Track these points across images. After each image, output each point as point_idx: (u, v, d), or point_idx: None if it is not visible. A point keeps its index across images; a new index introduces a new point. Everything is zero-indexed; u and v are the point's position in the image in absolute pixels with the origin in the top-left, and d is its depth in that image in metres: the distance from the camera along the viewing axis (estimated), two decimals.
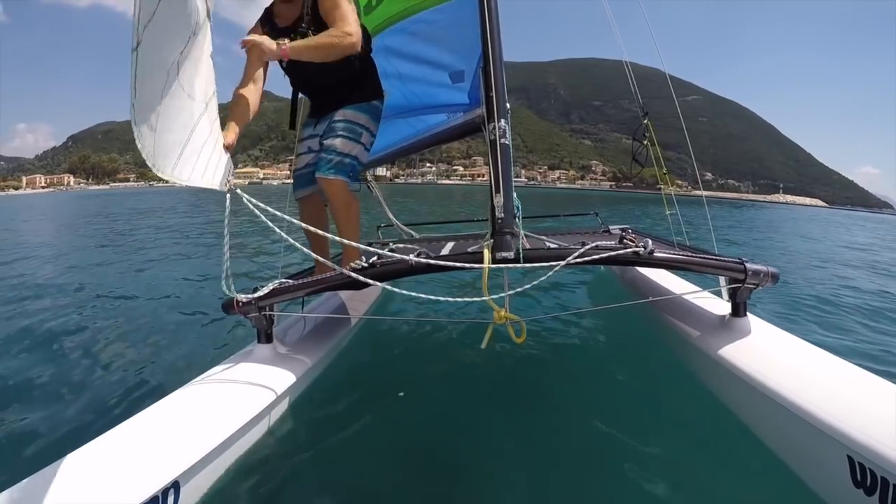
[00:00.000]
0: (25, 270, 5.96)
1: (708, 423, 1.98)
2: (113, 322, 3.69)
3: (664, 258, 1.91)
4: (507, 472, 1.79)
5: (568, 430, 2.03)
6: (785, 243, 11.56)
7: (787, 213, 40.13)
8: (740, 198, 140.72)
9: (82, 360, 2.92)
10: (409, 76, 3.10)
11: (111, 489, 1.18)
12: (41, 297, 4.52)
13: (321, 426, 2.02)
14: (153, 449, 1.36)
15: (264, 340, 2.05)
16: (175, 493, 1.31)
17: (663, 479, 1.67)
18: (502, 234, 1.92)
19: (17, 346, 3.16)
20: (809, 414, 1.39)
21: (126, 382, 2.56)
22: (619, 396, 2.33)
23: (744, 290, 1.94)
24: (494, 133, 2.02)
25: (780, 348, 1.83)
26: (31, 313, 3.91)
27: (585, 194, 59.39)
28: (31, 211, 22.92)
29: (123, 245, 8.42)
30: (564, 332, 3.20)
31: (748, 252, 8.88)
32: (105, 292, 4.66)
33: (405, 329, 3.25)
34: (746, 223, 19.63)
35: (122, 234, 10.56)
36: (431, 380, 2.54)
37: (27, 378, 2.65)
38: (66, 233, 11.76)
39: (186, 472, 1.34)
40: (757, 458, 1.67)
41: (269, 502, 1.62)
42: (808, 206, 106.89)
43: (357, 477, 1.76)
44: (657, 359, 2.50)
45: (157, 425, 1.49)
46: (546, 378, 2.57)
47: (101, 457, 1.30)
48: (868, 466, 1.21)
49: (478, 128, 2.63)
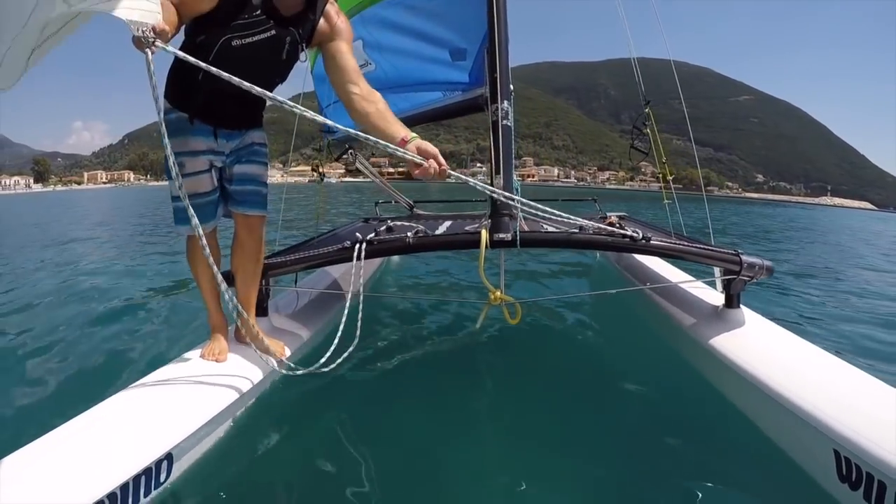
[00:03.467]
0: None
1: (700, 411, 2.00)
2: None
3: (660, 245, 1.91)
4: (495, 456, 1.80)
5: (560, 414, 2.04)
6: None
7: (816, 214, 40.07)
8: (788, 200, 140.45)
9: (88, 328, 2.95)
10: (405, 50, 3.01)
11: (105, 459, 1.17)
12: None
13: (313, 399, 2.03)
14: (147, 421, 1.35)
15: (259, 313, 2.05)
16: (168, 465, 1.32)
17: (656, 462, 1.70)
18: (500, 215, 1.91)
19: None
20: (797, 407, 1.41)
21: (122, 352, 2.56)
22: (611, 382, 2.34)
23: (738, 281, 1.94)
24: (497, 114, 1.99)
25: (772, 341, 1.85)
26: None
27: (633, 194, 58.97)
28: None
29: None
30: (559, 316, 3.22)
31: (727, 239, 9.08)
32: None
33: (400, 307, 3.25)
34: (777, 220, 20.70)
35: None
36: (424, 358, 2.55)
37: (28, 346, 2.66)
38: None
39: (180, 445, 1.34)
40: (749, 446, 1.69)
41: (262, 474, 1.64)
42: (854, 209, 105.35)
43: (347, 450, 1.78)
44: (651, 345, 2.52)
45: (151, 397, 1.48)
46: (540, 361, 2.59)
47: (96, 427, 1.29)
48: (854, 461, 1.23)
49: (477, 107, 2.59)
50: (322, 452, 1.78)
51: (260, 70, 1.63)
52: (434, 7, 2.79)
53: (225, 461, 1.58)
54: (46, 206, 22.44)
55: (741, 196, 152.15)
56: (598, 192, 71.89)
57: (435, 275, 4.53)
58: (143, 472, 1.21)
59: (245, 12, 1.55)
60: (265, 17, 1.57)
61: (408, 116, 3.37)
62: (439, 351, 2.64)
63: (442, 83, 3.05)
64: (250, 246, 1.87)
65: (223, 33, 1.55)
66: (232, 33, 1.55)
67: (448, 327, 2.94)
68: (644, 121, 2.92)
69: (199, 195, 1.71)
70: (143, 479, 1.22)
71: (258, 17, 1.56)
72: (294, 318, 2.30)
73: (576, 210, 2.47)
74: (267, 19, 1.58)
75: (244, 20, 1.55)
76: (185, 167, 1.65)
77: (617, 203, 26.58)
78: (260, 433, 1.76)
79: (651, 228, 2.69)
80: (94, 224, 11.66)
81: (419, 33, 2.92)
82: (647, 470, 1.67)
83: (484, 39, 2.27)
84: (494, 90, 2.05)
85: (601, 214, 3.92)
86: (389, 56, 3.01)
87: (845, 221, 25.76)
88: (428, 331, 2.93)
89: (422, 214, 3.75)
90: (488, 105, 2.09)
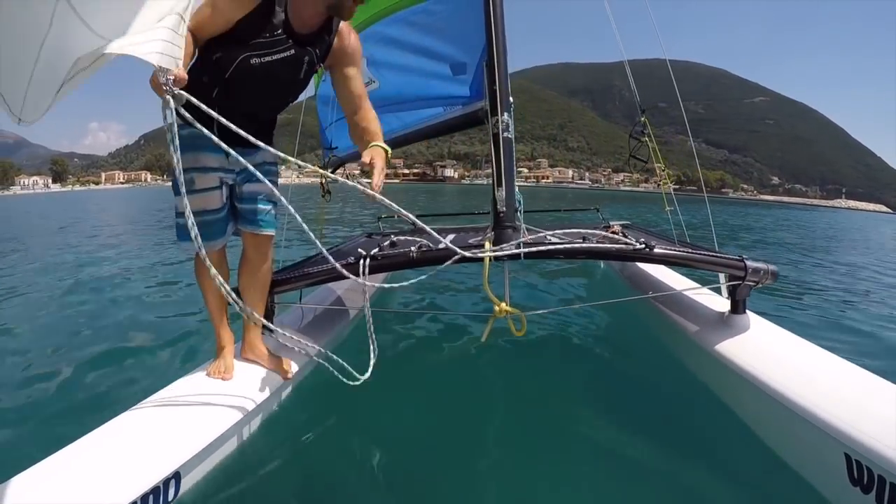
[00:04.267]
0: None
1: (706, 420, 1.99)
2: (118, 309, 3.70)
3: (664, 254, 1.91)
4: (502, 464, 1.79)
5: (567, 424, 2.03)
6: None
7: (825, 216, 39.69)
8: (803, 202, 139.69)
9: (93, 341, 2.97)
10: (406, 66, 3.05)
11: (113, 479, 1.17)
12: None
13: (320, 416, 2.02)
14: (154, 440, 1.35)
15: (264, 330, 2.05)
16: (176, 484, 1.31)
17: (661, 474, 1.68)
18: (503, 227, 1.92)
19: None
20: (807, 412, 1.39)
21: (126, 372, 2.56)
22: (619, 392, 2.33)
23: (743, 287, 1.94)
24: (498, 127, 2.01)
25: (779, 346, 1.84)
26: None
27: (647, 196, 59.08)
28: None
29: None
30: (565, 327, 3.20)
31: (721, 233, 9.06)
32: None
33: (405, 322, 3.25)
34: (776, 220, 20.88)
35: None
36: (431, 373, 2.54)
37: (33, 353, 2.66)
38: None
39: (187, 463, 1.34)
40: (755, 455, 1.68)
41: (269, 492, 1.63)
42: (869, 212, 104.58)
43: (354, 468, 1.77)
44: (657, 354, 2.50)
45: (158, 416, 1.48)
46: (546, 372, 2.57)
47: (103, 447, 1.29)
48: (865, 464, 1.22)
49: (478, 121, 2.61)
50: (329, 471, 1.77)
51: (277, 89, 1.70)
52: (435, 22, 2.83)
53: (232, 479, 1.57)
54: (68, 206, 22.86)
55: (756, 199, 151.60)
56: (614, 193, 71.62)
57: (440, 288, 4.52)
58: (150, 491, 1.21)
59: (266, 31, 1.56)
60: (285, 37, 1.59)
61: (410, 133, 3.40)
62: (446, 366, 2.63)
63: (443, 98, 3.08)
64: (258, 263, 1.87)
65: (242, 51, 1.56)
66: (251, 52, 1.56)
67: (454, 341, 2.93)
68: (642, 129, 2.93)
69: (208, 212, 1.72)
70: (151, 499, 1.22)
71: (278, 37, 1.58)
72: (300, 334, 2.30)
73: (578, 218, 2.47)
74: (286, 38, 1.59)
75: (265, 39, 1.56)
76: (194, 183, 1.66)
77: (632, 204, 26.63)
78: (266, 452, 1.75)
79: (654, 236, 2.69)
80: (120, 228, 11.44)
81: (421, 49, 2.95)
82: (654, 479, 1.65)
83: (483, 53, 2.30)
84: (494, 103, 2.06)
85: (604, 223, 3.93)
86: (392, 73, 3.05)
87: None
88: (434, 345, 2.92)
89: (425, 228, 3.75)
90: (489, 118, 2.11)
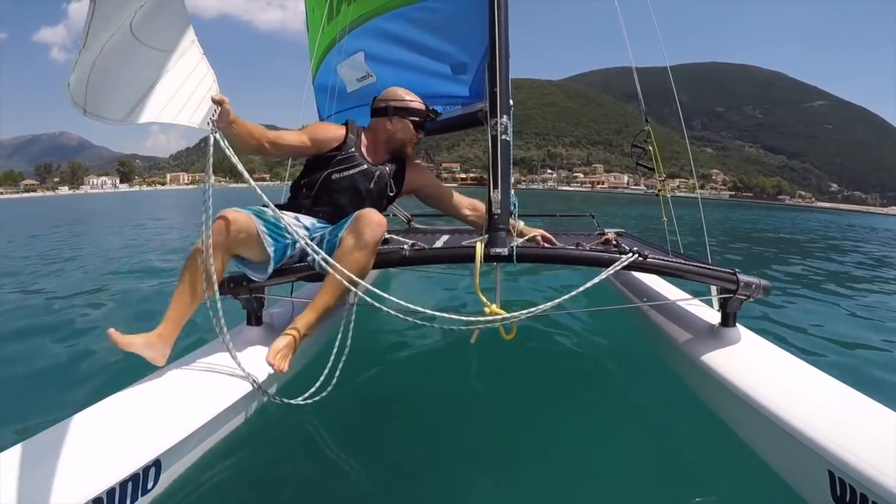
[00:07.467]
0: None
1: (693, 427, 2.00)
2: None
3: (657, 264, 1.91)
4: (491, 468, 1.79)
5: (555, 429, 2.03)
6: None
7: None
8: (860, 209, 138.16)
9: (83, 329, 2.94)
10: (406, 63, 3.03)
11: (92, 464, 1.15)
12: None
13: (305, 411, 2.01)
14: (136, 426, 1.33)
15: (254, 323, 2.03)
16: (156, 471, 1.29)
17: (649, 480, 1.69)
18: (497, 230, 1.91)
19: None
20: (791, 427, 1.40)
21: (112, 358, 2.54)
22: (607, 397, 2.34)
23: (734, 300, 1.94)
24: (496, 129, 2.00)
25: (767, 360, 1.84)
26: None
27: (703, 203, 58.52)
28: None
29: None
30: (555, 331, 3.21)
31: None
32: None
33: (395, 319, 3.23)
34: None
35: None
36: (419, 374, 2.54)
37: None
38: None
39: (169, 451, 1.32)
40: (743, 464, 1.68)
41: (252, 484, 1.62)
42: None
43: (339, 464, 1.76)
44: (647, 361, 2.50)
45: (141, 403, 1.46)
46: (534, 376, 2.57)
47: (83, 432, 1.27)
48: (848, 482, 1.22)
49: (477, 122, 2.60)
50: (314, 466, 1.77)
51: (357, 197, 2.12)
52: (437, 20, 2.81)
53: (216, 469, 1.56)
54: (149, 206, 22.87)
55: (811, 205, 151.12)
56: (664, 198, 71.15)
57: (431, 289, 4.52)
58: (130, 478, 1.19)
59: (343, 151, 2.13)
60: (358, 155, 2.15)
61: None
62: (433, 367, 2.62)
63: (442, 97, 3.06)
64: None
65: (327, 168, 2.09)
66: (332, 168, 2.09)
67: (443, 341, 2.92)
68: (645, 138, 2.93)
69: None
70: (130, 486, 1.20)
71: (351, 154, 2.13)
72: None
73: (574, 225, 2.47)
74: (360, 156, 2.15)
75: (342, 156, 2.12)
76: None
77: (682, 207, 26.95)
78: (251, 445, 1.74)
79: (648, 245, 2.69)
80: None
81: (421, 46, 2.93)
82: (639, 488, 1.65)
83: (485, 54, 2.29)
84: (494, 104, 2.06)
85: (599, 230, 3.93)
86: (391, 69, 3.03)
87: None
88: (423, 345, 2.92)
89: (419, 228, 3.75)
90: (487, 119, 2.10)
